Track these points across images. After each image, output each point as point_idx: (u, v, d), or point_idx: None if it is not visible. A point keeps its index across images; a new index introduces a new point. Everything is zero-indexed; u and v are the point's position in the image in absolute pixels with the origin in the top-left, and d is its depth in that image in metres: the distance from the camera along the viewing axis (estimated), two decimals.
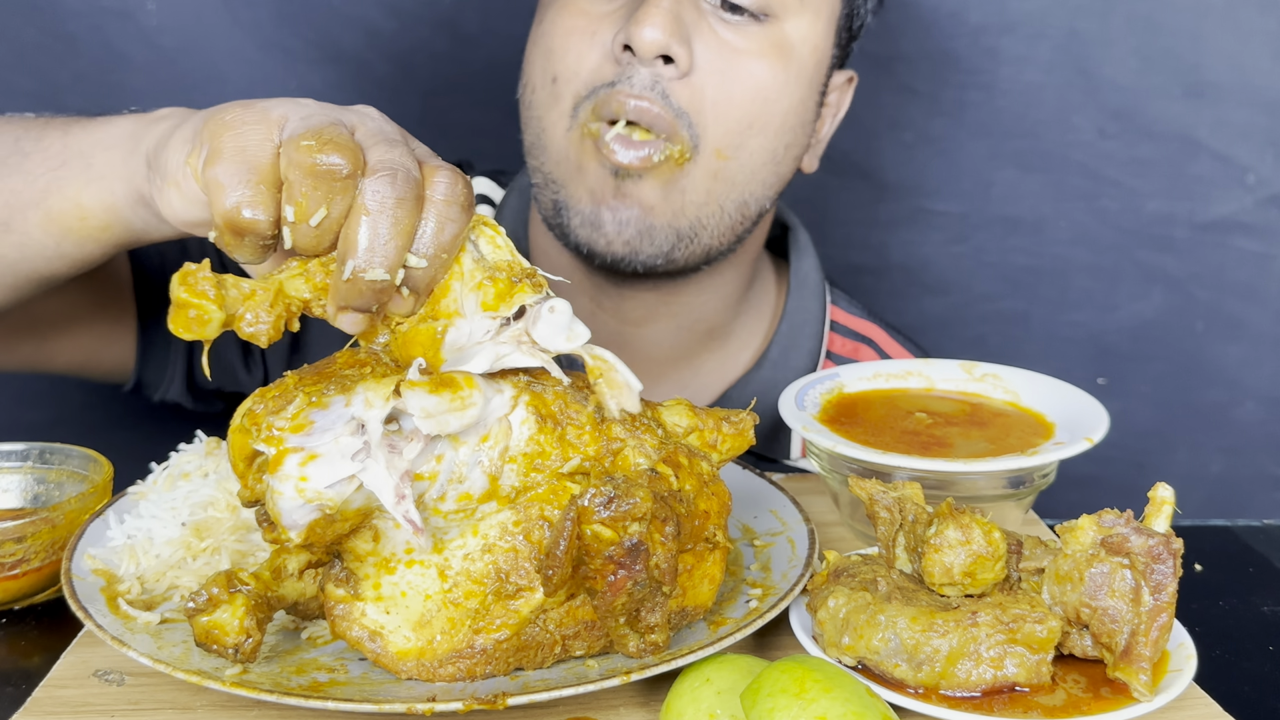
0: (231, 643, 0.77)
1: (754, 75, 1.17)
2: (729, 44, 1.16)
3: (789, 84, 1.20)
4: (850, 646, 0.81)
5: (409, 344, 0.80)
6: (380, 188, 0.75)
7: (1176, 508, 0.82)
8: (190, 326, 0.75)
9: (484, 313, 0.80)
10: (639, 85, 1.14)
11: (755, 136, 1.19)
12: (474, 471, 0.78)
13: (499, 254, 0.82)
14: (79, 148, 0.96)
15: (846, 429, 1.05)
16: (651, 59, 1.13)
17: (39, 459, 1.07)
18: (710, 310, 1.36)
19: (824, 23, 1.23)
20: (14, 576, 0.95)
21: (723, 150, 1.18)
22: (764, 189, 1.24)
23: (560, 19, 1.20)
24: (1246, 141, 1.77)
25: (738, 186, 1.21)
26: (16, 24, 1.64)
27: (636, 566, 0.76)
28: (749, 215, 1.25)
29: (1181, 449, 1.91)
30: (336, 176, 0.75)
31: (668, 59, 1.14)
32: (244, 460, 0.76)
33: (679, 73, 1.15)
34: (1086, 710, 0.77)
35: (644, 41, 1.11)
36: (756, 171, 1.22)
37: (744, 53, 1.17)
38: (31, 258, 1.00)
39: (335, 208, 0.76)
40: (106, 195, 0.94)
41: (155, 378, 1.31)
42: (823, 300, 1.43)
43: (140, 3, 1.65)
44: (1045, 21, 1.75)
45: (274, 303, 0.77)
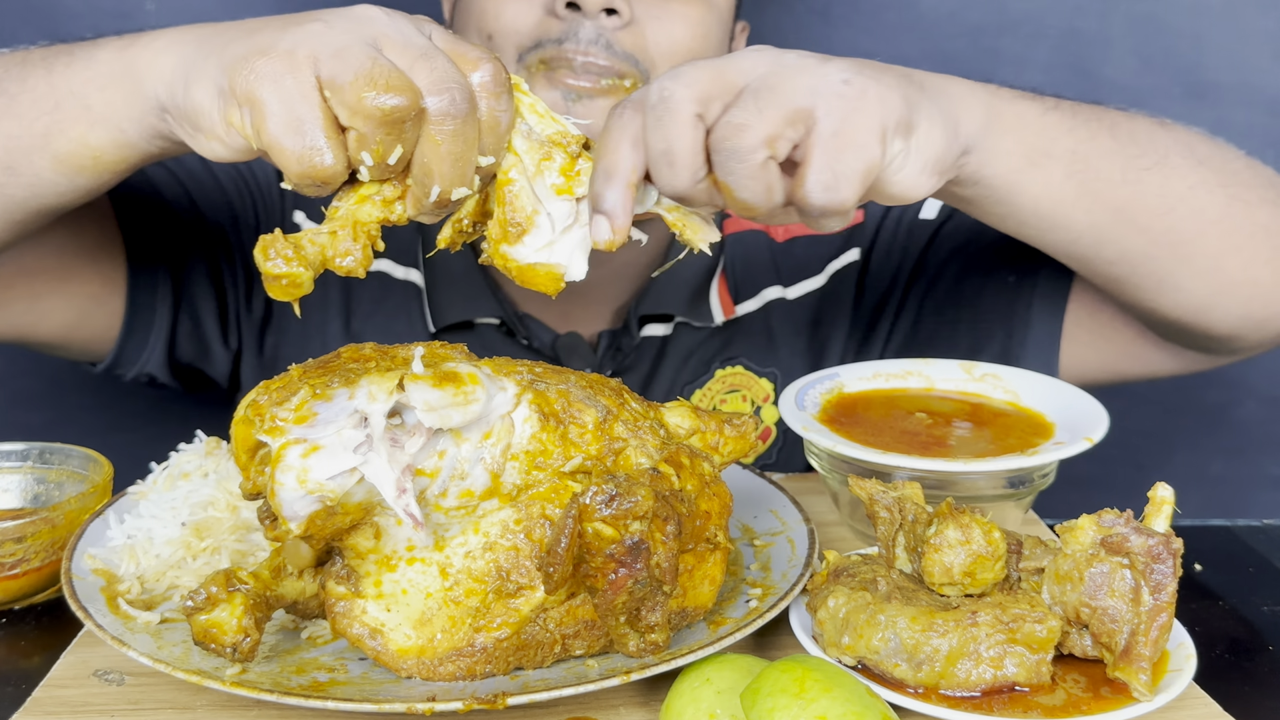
0: (230, 642, 0.77)
1: (688, 18, 1.23)
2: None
3: (714, 26, 1.27)
4: (850, 646, 0.81)
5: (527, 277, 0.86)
6: (443, 110, 0.79)
7: (1176, 508, 0.82)
8: (288, 292, 0.79)
9: (559, 198, 0.84)
10: (585, 40, 1.18)
11: None
12: (476, 468, 0.78)
13: (544, 123, 0.84)
14: (68, 87, 0.96)
15: (846, 429, 1.05)
16: (596, 12, 1.18)
17: (39, 459, 1.07)
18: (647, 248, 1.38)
19: None
20: (14, 576, 0.95)
21: None
22: None
23: None
24: (1246, 141, 1.76)
25: None
26: (14, 25, 1.64)
27: (637, 565, 0.76)
28: None
29: (1181, 449, 1.91)
30: (404, 116, 0.78)
31: (610, 11, 1.19)
32: (247, 452, 0.76)
33: (622, 22, 1.19)
34: (1086, 710, 0.77)
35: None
36: None
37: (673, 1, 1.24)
38: (43, 194, 1.01)
39: (408, 142, 0.80)
40: (117, 134, 0.95)
41: (137, 346, 1.31)
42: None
43: (139, 3, 1.65)
44: (1045, 21, 1.75)
45: (355, 235, 0.81)
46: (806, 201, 0.81)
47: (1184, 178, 1.04)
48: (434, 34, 0.83)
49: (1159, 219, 1.03)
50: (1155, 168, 1.02)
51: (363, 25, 0.81)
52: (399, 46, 0.80)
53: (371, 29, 0.81)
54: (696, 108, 0.81)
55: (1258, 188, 1.08)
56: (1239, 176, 1.07)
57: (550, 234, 0.85)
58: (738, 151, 0.80)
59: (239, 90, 0.80)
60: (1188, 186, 1.04)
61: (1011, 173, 0.97)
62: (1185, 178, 1.04)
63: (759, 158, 0.80)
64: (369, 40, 0.80)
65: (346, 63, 0.78)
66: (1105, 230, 1.03)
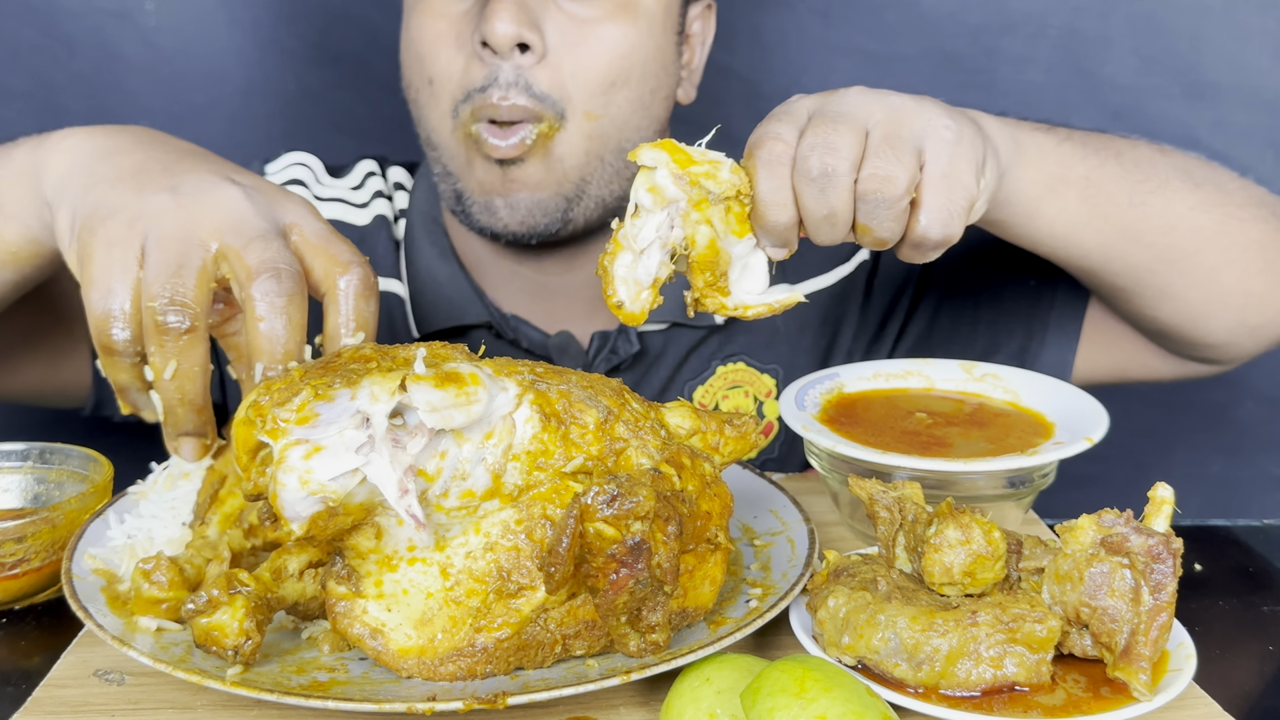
0: (231, 644, 0.77)
1: (606, 40, 1.24)
2: (577, 17, 1.23)
3: (641, 38, 1.27)
4: (850, 646, 0.81)
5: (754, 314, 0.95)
6: (267, 288, 0.85)
7: (1176, 507, 0.82)
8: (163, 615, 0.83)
9: (740, 240, 0.92)
10: (504, 83, 1.21)
11: (619, 91, 1.27)
12: (477, 469, 0.78)
13: (715, 182, 0.89)
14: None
15: (846, 429, 1.05)
16: (508, 51, 1.20)
17: (39, 459, 1.07)
18: None
19: None
20: (14, 576, 0.95)
21: (591, 111, 1.25)
22: (638, 133, 1.31)
23: (425, 23, 1.26)
24: (1246, 141, 1.77)
25: (612, 138, 1.28)
26: (13, 25, 1.64)
27: (638, 565, 0.76)
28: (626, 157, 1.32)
29: (1181, 449, 1.91)
30: (179, 333, 0.85)
31: (524, 46, 1.21)
32: (248, 453, 0.76)
33: (536, 58, 1.21)
34: (1086, 710, 0.77)
35: (497, 36, 1.18)
36: (628, 120, 1.29)
37: (592, 21, 1.24)
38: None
39: (185, 360, 0.86)
40: (24, 230, 1.01)
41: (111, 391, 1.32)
42: None
43: (138, 3, 1.65)
44: (1045, 21, 1.75)
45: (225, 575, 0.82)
46: (925, 236, 0.90)
47: (1184, 199, 1.12)
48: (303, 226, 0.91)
49: (1161, 237, 1.12)
50: (1158, 191, 1.11)
51: (213, 210, 0.88)
52: (236, 231, 0.87)
53: (218, 216, 0.88)
54: (855, 174, 0.88)
55: (1249, 206, 1.16)
56: (1233, 196, 1.16)
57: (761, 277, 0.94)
58: (886, 201, 0.88)
59: (80, 240, 0.88)
60: (1187, 208, 1.13)
61: (1033, 200, 1.06)
62: (1185, 199, 1.13)
63: (904, 204, 0.89)
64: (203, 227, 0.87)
65: (162, 254, 0.85)
66: (1113, 248, 1.12)
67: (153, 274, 0.85)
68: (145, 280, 0.85)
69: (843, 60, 1.78)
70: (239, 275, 0.86)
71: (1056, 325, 1.33)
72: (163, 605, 0.82)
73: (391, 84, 1.73)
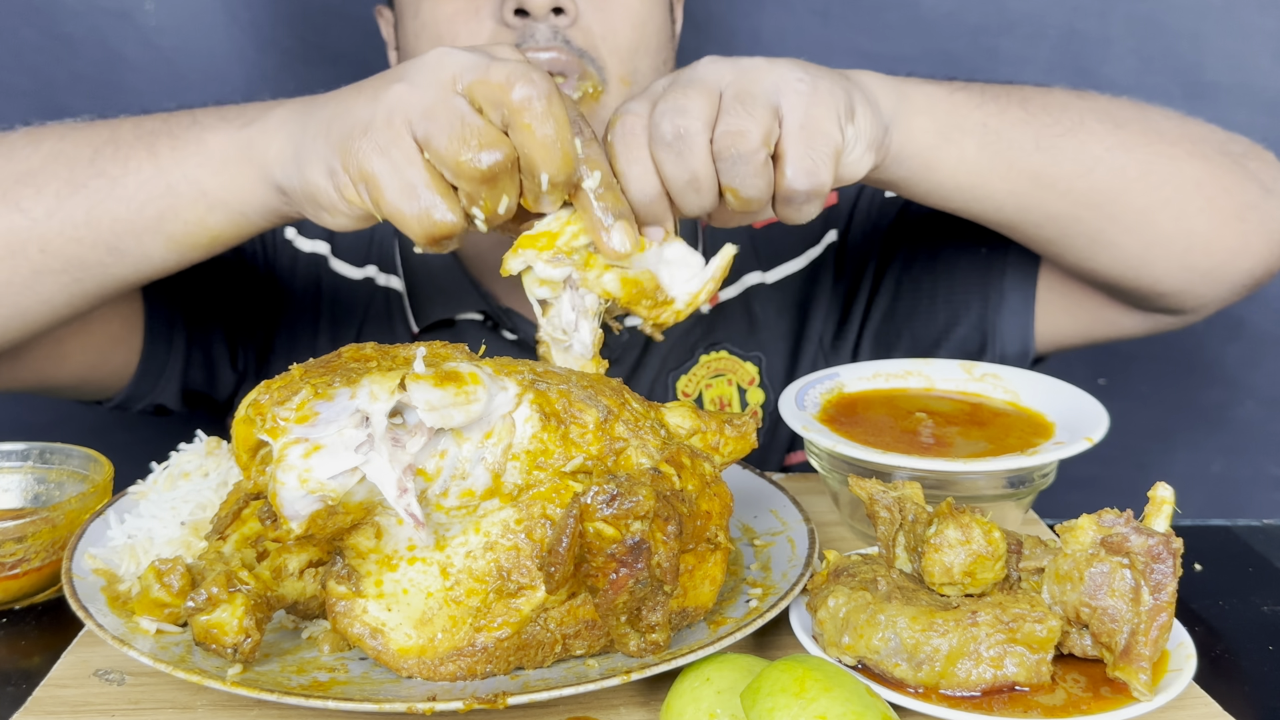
0: (230, 642, 0.77)
1: (626, 5, 1.25)
2: None
3: (654, 11, 1.28)
4: (850, 646, 0.81)
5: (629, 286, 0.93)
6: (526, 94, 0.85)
7: (1176, 507, 0.82)
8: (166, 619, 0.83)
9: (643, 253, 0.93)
10: (543, 39, 1.20)
11: (644, 58, 1.27)
12: (477, 468, 0.78)
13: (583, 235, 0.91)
14: (180, 171, 0.99)
15: (846, 429, 1.05)
16: (545, 14, 1.20)
17: (39, 459, 1.07)
18: None
19: None
20: (14, 576, 0.95)
21: (625, 78, 1.25)
22: None
23: (438, 6, 1.25)
24: None
25: None
26: (15, 24, 1.64)
27: (638, 565, 0.76)
28: None
29: (1181, 449, 1.91)
30: (501, 170, 0.86)
31: (558, 10, 1.20)
32: (248, 451, 0.76)
33: (570, 19, 1.21)
34: (1086, 710, 0.77)
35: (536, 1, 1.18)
36: None
37: None
38: (150, 271, 1.05)
39: (512, 189, 0.87)
40: (237, 217, 1.00)
41: (152, 381, 1.32)
42: None
43: (139, 3, 1.65)
44: (1045, 21, 1.75)
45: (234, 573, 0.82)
46: (792, 189, 0.91)
47: (1100, 140, 1.10)
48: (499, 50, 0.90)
49: (1079, 180, 1.09)
50: (1069, 134, 1.09)
51: (440, 70, 0.88)
52: (471, 68, 0.87)
53: (449, 70, 0.87)
54: (709, 134, 0.88)
55: (1185, 143, 1.12)
56: (1165, 135, 1.12)
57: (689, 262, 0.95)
58: (743, 155, 0.88)
59: (352, 169, 0.89)
60: (1105, 148, 1.09)
61: (927, 149, 1.05)
62: (1102, 140, 1.10)
63: (761, 157, 0.88)
64: (449, 86, 0.87)
65: (437, 122, 0.85)
66: (1025, 196, 1.10)
67: (441, 143, 0.85)
68: (439, 154, 0.86)
69: (843, 60, 1.77)
70: (495, 97, 0.86)
71: (1012, 290, 1.32)
72: (166, 610, 0.82)
73: None
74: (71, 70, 1.66)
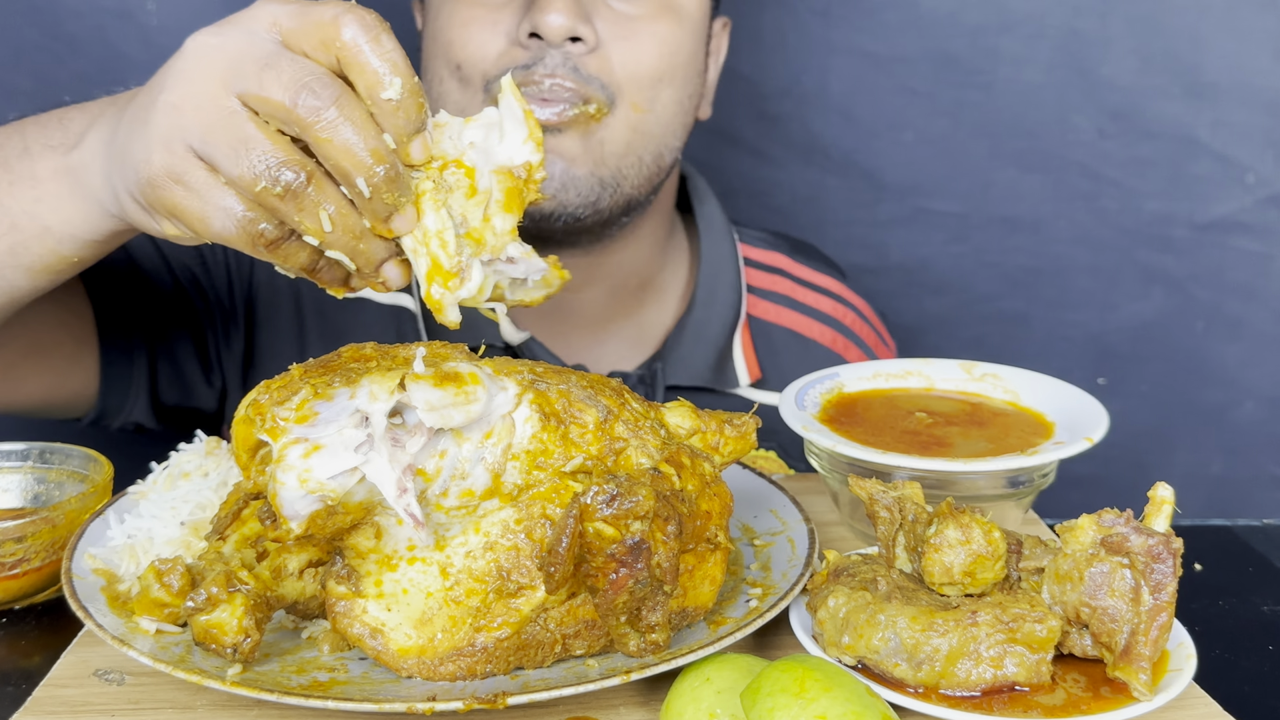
0: (230, 642, 0.77)
1: (656, 35, 1.25)
2: (625, 14, 1.25)
3: (685, 38, 1.28)
4: (850, 646, 0.81)
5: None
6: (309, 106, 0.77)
7: (1176, 507, 0.82)
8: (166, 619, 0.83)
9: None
10: (552, 65, 1.20)
11: (666, 89, 1.28)
12: (477, 468, 0.78)
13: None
14: (20, 208, 0.95)
15: (846, 429, 1.05)
16: (561, 42, 1.20)
17: (39, 459, 1.07)
18: (638, 264, 1.43)
19: None
20: (14, 576, 0.95)
21: (638, 104, 1.26)
22: (674, 139, 1.33)
23: (457, 11, 1.25)
24: (1246, 141, 1.77)
25: (654, 139, 1.29)
26: (16, 24, 1.64)
27: (638, 565, 0.76)
28: (664, 166, 1.33)
29: (1181, 449, 1.91)
30: (304, 184, 0.78)
31: (576, 38, 1.21)
32: (248, 451, 0.76)
33: (587, 49, 1.22)
34: (1086, 710, 0.77)
35: (551, 27, 1.18)
36: (669, 123, 1.30)
37: (641, 18, 1.25)
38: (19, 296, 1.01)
39: (327, 198, 0.79)
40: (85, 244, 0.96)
41: (118, 399, 1.30)
42: (732, 240, 1.50)
43: (140, 2, 1.65)
44: (1045, 21, 1.75)
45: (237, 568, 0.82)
46: None
47: None
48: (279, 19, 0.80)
49: None
50: None
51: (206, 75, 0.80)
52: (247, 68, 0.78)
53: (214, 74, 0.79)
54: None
55: None
56: None
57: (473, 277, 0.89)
58: None
59: (158, 207, 0.83)
60: None
61: None
62: None
63: None
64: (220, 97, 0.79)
65: (214, 146, 0.78)
66: None
67: (226, 164, 0.78)
68: (230, 175, 0.79)
69: (842, 60, 1.79)
70: (277, 115, 0.78)
71: None
72: (166, 610, 0.82)
73: None
74: (73, 70, 1.66)
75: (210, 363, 1.37)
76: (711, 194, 1.53)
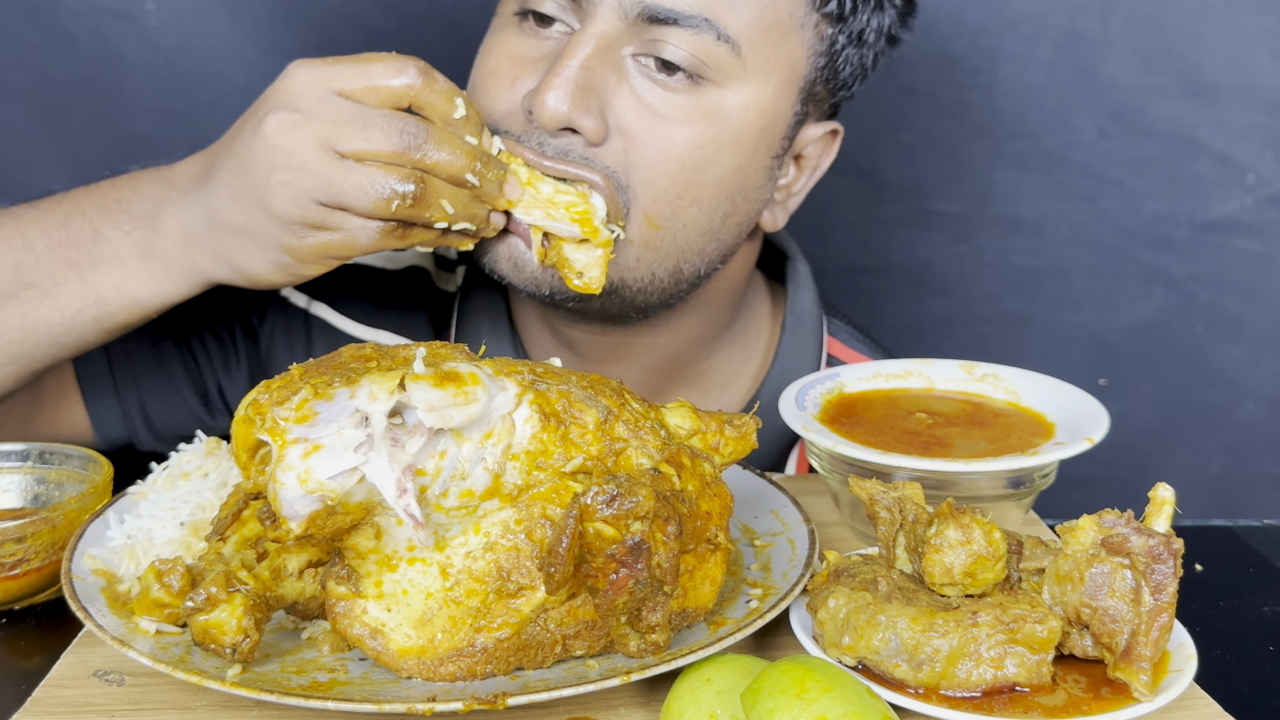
0: (229, 642, 0.77)
1: (677, 142, 1.07)
2: (652, 108, 1.06)
3: (720, 152, 1.09)
4: (850, 646, 0.81)
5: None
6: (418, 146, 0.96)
7: (1177, 508, 0.82)
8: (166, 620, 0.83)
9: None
10: (551, 151, 1.06)
11: (688, 207, 1.10)
12: (477, 468, 0.78)
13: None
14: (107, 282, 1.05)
15: (846, 429, 1.05)
16: (555, 130, 1.05)
17: (39, 459, 1.07)
18: (676, 351, 1.29)
19: (775, 84, 1.11)
20: (14, 576, 0.95)
21: (654, 219, 1.09)
22: (699, 257, 1.15)
23: (487, 58, 1.13)
24: (1246, 141, 1.77)
25: (670, 256, 1.13)
26: (16, 24, 1.64)
27: (638, 565, 0.76)
28: (684, 279, 1.16)
29: (1182, 449, 1.91)
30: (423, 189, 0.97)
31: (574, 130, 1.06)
32: (247, 451, 0.76)
33: (587, 143, 1.06)
34: (1087, 710, 0.77)
35: (545, 113, 1.03)
36: (691, 243, 1.13)
37: (667, 119, 1.07)
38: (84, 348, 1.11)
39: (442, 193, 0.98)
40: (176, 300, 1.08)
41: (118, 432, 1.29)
42: (820, 337, 1.35)
43: (140, 3, 1.65)
44: (1045, 21, 1.74)
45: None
46: None
47: None
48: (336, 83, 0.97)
49: None
50: None
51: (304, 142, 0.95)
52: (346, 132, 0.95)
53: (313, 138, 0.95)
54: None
55: None
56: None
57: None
58: None
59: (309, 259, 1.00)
60: None
61: None
62: None
63: None
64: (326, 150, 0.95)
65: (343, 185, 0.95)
66: None
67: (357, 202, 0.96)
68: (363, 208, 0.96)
69: None
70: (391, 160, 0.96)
71: None
72: (166, 610, 0.82)
73: None
74: (72, 70, 1.66)
75: (209, 394, 1.32)
76: (810, 283, 1.36)
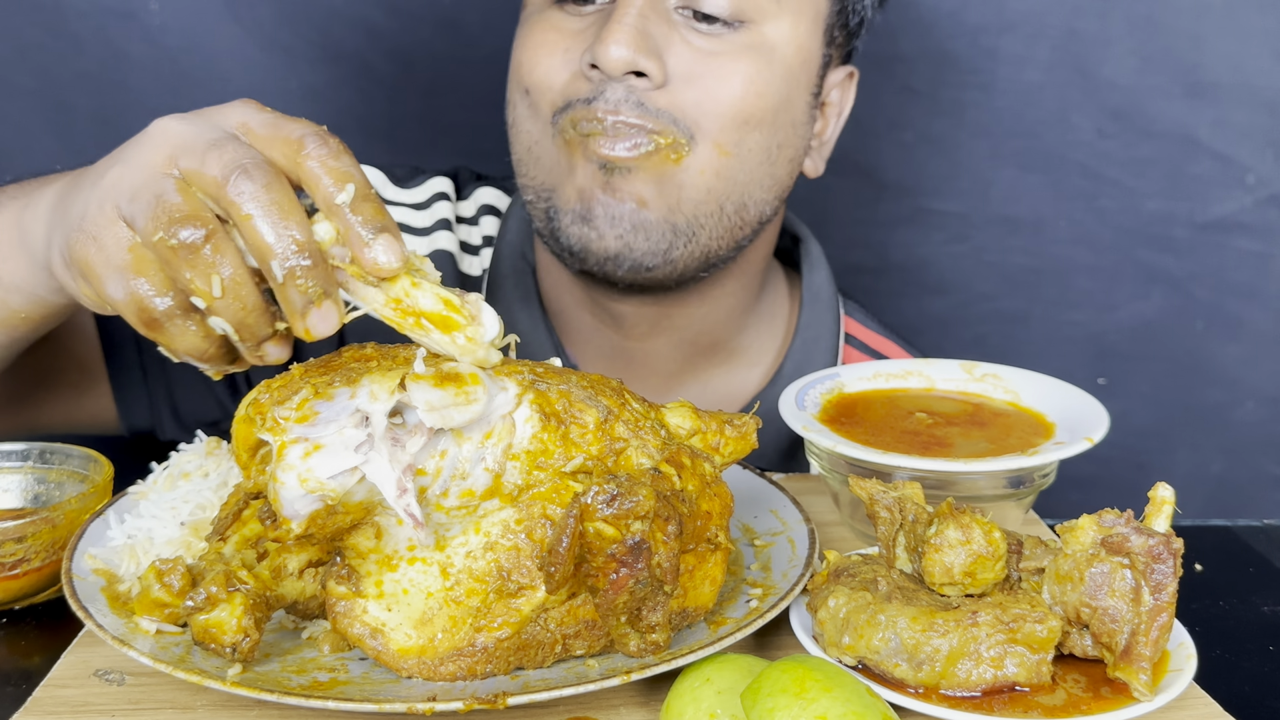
0: (229, 642, 0.77)
1: (737, 73, 1.14)
2: (704, 50, 1.14)
3: (774, 81, 1.17)
4: (850, 646, 0.81)
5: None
6: (242, 188, 0.75)
7: (1176, 507, 0.82)
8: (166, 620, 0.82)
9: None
10: (614, 100, 1.12)
11: (752, 132, 1.16)
12: (477, 468, 0.78)
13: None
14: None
15: (846, 429, 1.05)
16: (621, 75, 1.11)
17: (39, 459, 1.07)
18: (713, 323, 1.33)
19: (807, 22, 1.20)
20: (14, 576, 0.95)
21: (723, 145, 1.15)
22: (762, 191, 1.21)
23: (532, 34, 1.19)
24: (1246, 141, 1.77)
25: (738, 186, 1.18)
26: (19, 23, 1.65)
27: (638, 565, 0.76)
28: (748, 220, 1.22)
29: (1182, 449, 1.92)
30: (199, 242, 0.76)
31: (640, 73, 1.12)
32: (248, 450, 0.76)
33: (652, 85, 1.12)
34: (1086, 710, 0.77)
35: (610, 59, 1.09)
36: (754, 171, 1.19)
37: (721, 55, 1.14)
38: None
39: (224, 265, 0.76)
40: (32, 298, 0.96)
41: (141, 419, 1.29)
42: (836, 314, 1.40)
43: (143, 2, 1.66)
44: (1044, 21, 1.75)
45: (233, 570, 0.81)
46: None
47: None
48: (249, 123, 0.80)
49: None
50: None
51: (156, 148, 0.80)
52: (196, 146, 0.78)
53: (164, 149, 0.79)
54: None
55: None
56: None
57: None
58: None
59: (73, 261, 0.81)
60: None
61: None
62: None
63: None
64: (161, 167, 0.79)
65: (138, 204, 0.77)
66: None
67: (141, 221, 0.77)
68: (138, 228, 0.77)
69: None
70: (210, 190, 0.77)
71: None
72: (166, 610, 0.82)
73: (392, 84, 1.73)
74: (76, 69, 1.67)
75: (237, 384, 1.34)
76: (824, 262, 1.42)
